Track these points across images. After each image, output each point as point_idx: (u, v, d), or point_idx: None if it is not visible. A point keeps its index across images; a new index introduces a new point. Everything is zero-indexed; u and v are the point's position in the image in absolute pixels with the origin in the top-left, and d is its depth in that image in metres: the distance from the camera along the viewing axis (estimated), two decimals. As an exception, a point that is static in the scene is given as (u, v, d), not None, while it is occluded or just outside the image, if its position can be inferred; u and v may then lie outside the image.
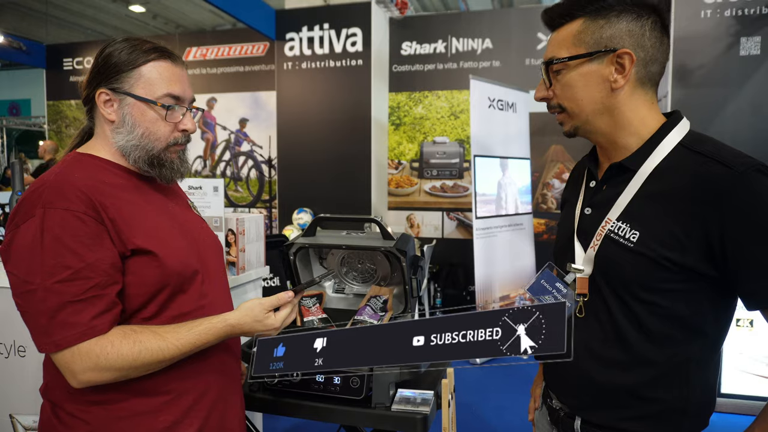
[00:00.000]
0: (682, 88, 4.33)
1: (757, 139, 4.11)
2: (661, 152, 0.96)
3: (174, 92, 1.12)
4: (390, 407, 1.38)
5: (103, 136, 1.14)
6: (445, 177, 5.71)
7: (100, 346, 0.98)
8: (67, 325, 0.97)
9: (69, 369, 0.99)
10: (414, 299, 1.65)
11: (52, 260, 0.96)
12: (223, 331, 1.11)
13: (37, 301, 0.97)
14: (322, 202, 5.55)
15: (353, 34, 5.51)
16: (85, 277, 0.98)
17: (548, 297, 1.10)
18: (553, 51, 1.03)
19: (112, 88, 1.10)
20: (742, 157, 0.90)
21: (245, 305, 1.15)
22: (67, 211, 0.98)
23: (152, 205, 1.15)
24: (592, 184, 1.09)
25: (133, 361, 1.01)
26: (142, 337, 1.02)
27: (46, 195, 1.00)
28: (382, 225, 1.61)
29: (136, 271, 1.05)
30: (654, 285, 0.94)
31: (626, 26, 0.95)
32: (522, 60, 5.38)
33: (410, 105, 5.78)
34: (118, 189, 1.09)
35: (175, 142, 1.16)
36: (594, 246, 1.01)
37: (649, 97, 1.00)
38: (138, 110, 1.10)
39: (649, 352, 0.97)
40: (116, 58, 1.10)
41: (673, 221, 0.91)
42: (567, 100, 1.03)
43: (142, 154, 1.12)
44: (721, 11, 4.21)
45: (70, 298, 0.97)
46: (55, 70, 7.20)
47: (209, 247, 1.25)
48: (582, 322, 1.05)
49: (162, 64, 1.12)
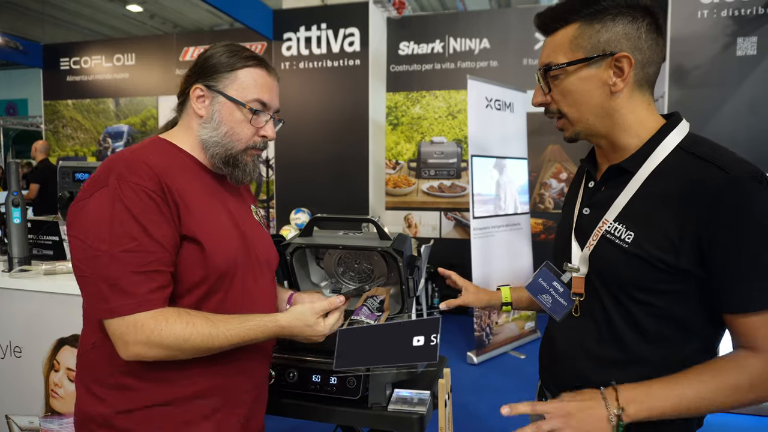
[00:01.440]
0: (678, 88, 4.34)
1: (754, 139, 4.12)
2: (660, 154, 0.96)
3: (263, 99, 1.18)
4: (387, 407, 1.38)
5: (188, 128, 1.19)
6: (442, 177, 5.71)
7: (155, 321, 1.01)
8: (126, 294, 1.00)
9: (122, 339, 1.01)
10: (411, 299, 1.65)
11: (120, 229, 1.00)
12: (272, 331, 1.13)
13: (101, 267, 0.99)
14: (320, 202, 5.55)
15: (351, 34, 5.51)
16: (148, 250, 1.01)
17: (546, 296, 1.10)
18: (550, 56, 1.02)
19: (207, 85, 1.16)
20: (742, 163, 0.90)
21: (296, 309, 1.18)
22: (138, 186, 1.02)
23: (215, 200, 1.18)
24: (590, 184, 1.10)
25: (184, 342, 1.03)
26: (195, 320, 1.05)
27: (119, 168, 1.04)
28: (379, 225, 1.61)
29: (182, 257, 1.08)
30: (649, 285, 0.94)
31: (623, 29, 0.95)
32: (519, 60, 5.39)
33: (408, 105, 5.78)
34: (187, 177, 1.13)
35: (254, 146, 1.21)
36: (590, 246, 1.02)
37: (646, 98, 1.01)
38: (227, 110, 1.16)
39: (645, 352, 0.97)
40: (216, 60, 1.17)
41: (668, 223, 0.91)
42: (566, 105, 1.02)
43: (221, 151, 1.17)
44: (717, 11, 4.22)
45: (132, 268, 1.00)
46: (52, 69, 7.19)
47: (261, 253, 1.26)
48: (577, 322, 1.05)
49: (257, 71, 1.18)
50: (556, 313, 1.09)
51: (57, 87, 7.20)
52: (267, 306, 1.26)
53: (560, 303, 1.08)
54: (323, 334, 1.19)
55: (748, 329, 0.89)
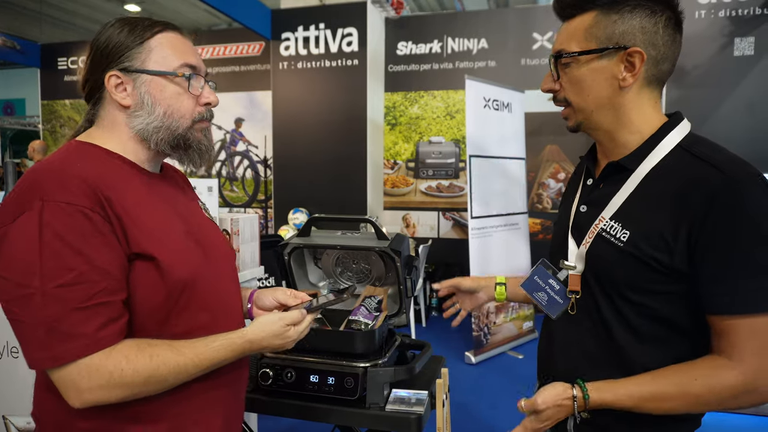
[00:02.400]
0: (677, 88, 4.35)
1: (751, 138, 4.13)
2: (660, 153, 0.96)
3: (190, 62, 1.03)
4: (384, 407, 1.38)
5: (113, 125, 1.02)
6: (440, 177, 5.71)
7: (113, 361, 0.87)
8: (70, 337, 0.84)
9: (74, 386, 0.86)
10: (408, 299, 1.65)
11: (53, 261, 0.84)
12: (241, 348, 1.01)
13: (34, 309, 0.84)
14: (318, 202, 5.55)
15: (349, 34, 5.51)
16: (90, 281, 0.86)
17: (541, 293, 1.10)
18: (563, 43, 1.00)
19: (122, 68, 0.99)
20: (740, 164, 0.89)
21: (263, 320, 1.06)
22: (70, 206, 0.86)
23: (161, 204, 1.03)
24: (589, 182, 1.09)
25: (149, 377, 0.90)
26: (158, 350, 0.91)
27: (45, 185, 0.87)
28: (377, 225, 1.61)
29: (137, 279, 0.93)
30: (642, 286, 0.94)
31: (639, 22, 0.93)
32: (518, 60, 5.39)
33: (406, 105, 5.78)
34: (124, 183, 0.97)
35: (201, 118, 1.06)
36: (586, 243, 1.01)
37: (654, 96, 1.00)
38: (156, 87, 1.00)
39: (638, 353, 0.97)
40: (117, 39, 0.99)
41: (663, 223, 0.91)
42: (573, 94, 1.01)
43: (166, 135, 1.01)
44: (715, 12, 4.22)
45: (74, 304, 0.85)
46: (50, 69, 7.18)
47: (222, 254, 1.14)
48: (574, 320, 1.05)
49: (170, 34, 1.03)
50: (551, 310, 1.09)
51: (54, 87, 7.19)
52: (235, 302, 1.15)
53: (556, 301, 1.08)
54: (293, 340, 1.09)
55: (729, 332, 0.88)
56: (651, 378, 0.92)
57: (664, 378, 0.92)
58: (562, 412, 0.98)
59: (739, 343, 0.87)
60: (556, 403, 0.97)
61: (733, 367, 0.88)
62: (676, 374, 0.91)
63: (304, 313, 1.11)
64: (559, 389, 0.98)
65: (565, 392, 0.97)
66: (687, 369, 0.91)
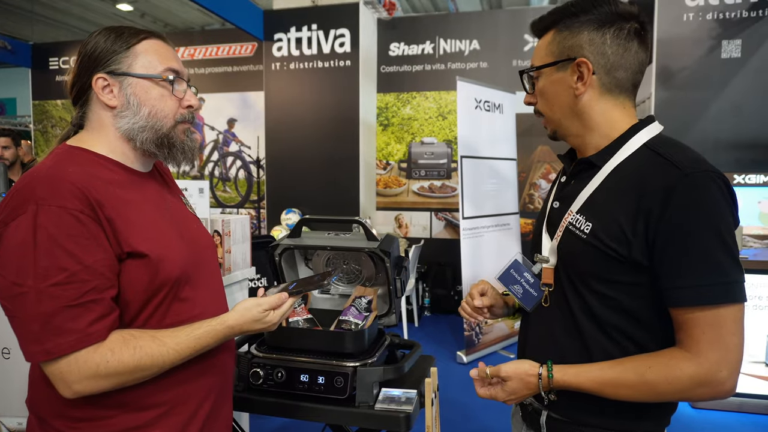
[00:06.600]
0: (664, 90, 4.39)
1: (738, 140, 4.18)
2: (626, 151, 1.01)
3: (173, 66, 1.10)
4: (374, 406, 1.40)
5: (101, 127, 1.08)
6: (433, 177, 5.74)
7: (100, 354, 0.93)
8: (62, 332, 0.91)
9: (63, 379, 0.93)
10: (398, 300, 1.67)
11: (46, 261, 0.90)
12: (222, 333, 1.07)
13: (29, 306, 0.90)
14: (311, 203, 5.56)
15: (341, 35, 5.52)
16: (81, 280, 0.92)
17: (517, 286, 1.13)
18: (533, 59, 1.11)
19: (109, 71, 1.06)
20: (699, 162, 0.93)
21: (242, 306, 1.11)
22: (62, 209, 0.92)
23: (149, 202, 1.10)
24: (563, 179, 1.15)
25: (134, 368, 0.96)
26: (141, 342, 0.98)
27: (39, 190, 0.93)
28: (367, 226, 1.63)
29: (129, 276, 1.00)
30: (604, 276, 0.98)
31: (587, 36, 1.01)
32: (509, 61, 5.43)
33: (398, 105, 5.80)
34: (114, 185, 1.03)
35: (183, 119, 1.12)
36: (557, 237, 1.06)
37: (620, 101, 1.05)
38: (141, 89, 1.07)
39: (604, 345, 1.00)
40: (105, 45, 1.06)
41: (622, 215, 0.95)
42: (543, 105, 1.11)
43: (150, 135, 1.08)
44: (703, 14, 4.27)
45: (65, 302, 0.91)
46: (41, 69, 7.15)
47: (206, 248, 1.21)
48: (547, 312, 1.09)
49: (154, 41, 1.10)
50: (526, 303, 1.13)
51: (46, 87, 7.15)
52: (218, 290, 1.23)
53: (530, 293, 1.12)
54: (274, 323, 1.13)
55: (688, 325, 0.91)
56: (613, 364, 0.97)
57: (624, 365, 0.96)
58: (526, 389, 1.03)
59: (697, 335, 0.91)
60: (520, 377, 1.03)
61: (690, 358, 0.91)
62: (635, 363, 0.95)
63: (285, 296, 1.15)
64: (527, 366, 1.04)
65: (532, 369, 1.03)
66: (646, 358, 0.95)
